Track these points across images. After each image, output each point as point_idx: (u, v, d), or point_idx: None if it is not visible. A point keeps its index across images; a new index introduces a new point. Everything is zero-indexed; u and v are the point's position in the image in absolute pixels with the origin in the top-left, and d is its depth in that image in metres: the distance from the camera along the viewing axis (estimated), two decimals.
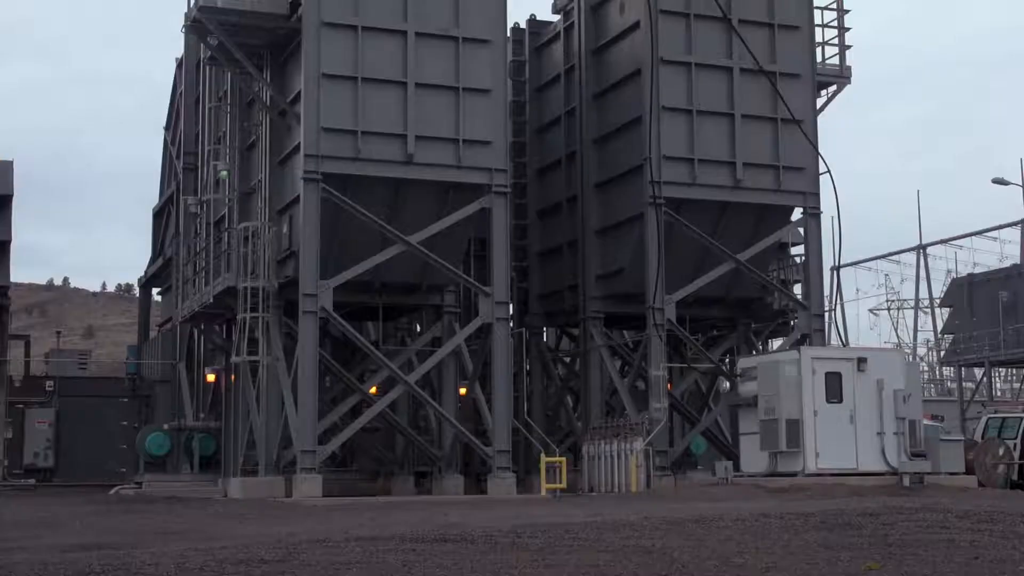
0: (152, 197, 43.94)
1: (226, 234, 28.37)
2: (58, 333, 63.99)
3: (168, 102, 40.31)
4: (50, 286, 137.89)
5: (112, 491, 29.53)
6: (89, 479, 36.53)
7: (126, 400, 39.51)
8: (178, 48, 36.77)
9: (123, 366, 43.15)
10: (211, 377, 32.67)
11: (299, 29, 25.61)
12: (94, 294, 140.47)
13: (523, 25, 33.29)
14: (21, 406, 38.55)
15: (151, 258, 43.28)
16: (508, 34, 29.68)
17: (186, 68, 35.76)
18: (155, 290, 45.65)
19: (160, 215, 41.97)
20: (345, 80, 25.32)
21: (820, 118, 29.93)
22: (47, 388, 39.41)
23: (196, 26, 26.78)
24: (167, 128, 40.26)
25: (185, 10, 27.11)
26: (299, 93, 25.66)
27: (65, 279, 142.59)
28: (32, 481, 36.63)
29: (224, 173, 28.92)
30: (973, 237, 56.92)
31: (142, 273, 44.87)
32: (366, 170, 25.42)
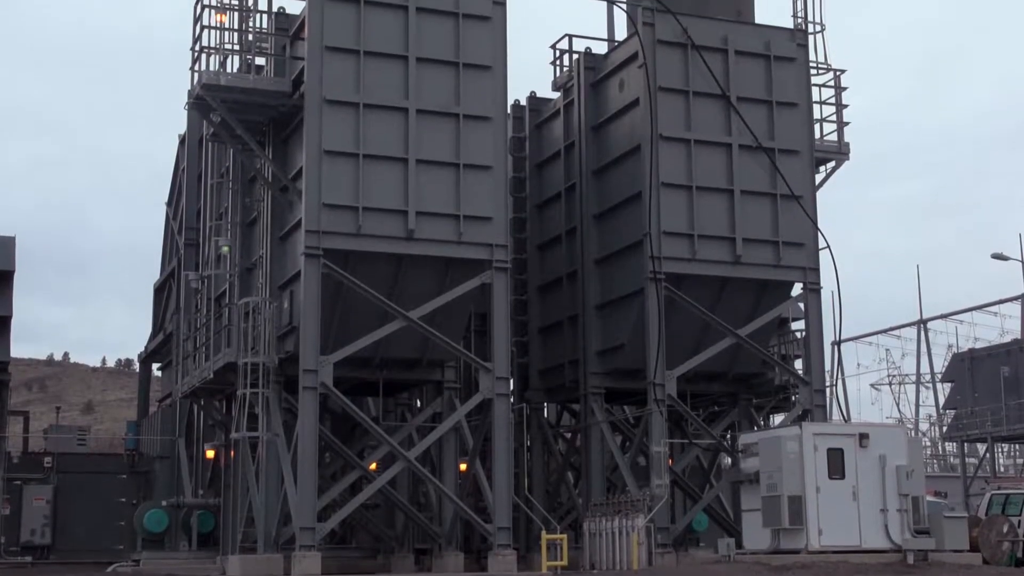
0: (153, 273, 44.04)
1: (227, 310, 28.38)
2: (57, 409, 63.79)
3: (170, 178, 40.53)
4: (50, 361, 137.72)
5: (109, 569, 29.29)
6: (86, 556, 36.19)
7: (124, 476, 39.28)
8: (181, 125, 37.06)
9: (122, 442, 42.96)
10: (210, 453, 32.52)
11: (301, 106, 25.82)
12: (94, 369, 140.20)
13: (523, 102, 33.54)
14: (19, 482, 38.30)
15: (151, 333, 43.26)
16: (508, 111, 29.92)
17: (189, 145, 36.00)
18: (155, 365, 45.57)
19: (161, 291, 42.02)
20: (346, 156, 25.47)
21: (819, 194, 30.09)
22: (45, 464, 39.18)
23: (199, 103, 26.99)
24: (169, 204, 40.44)
25: (188, 87, 27.34)
26: (301, 169, 25.81)
27: (65, 354, 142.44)
28: (29, 559, 36.28)
29: (225, 249, 28.99)
30: (973, 312, 57.05)
31: (142, 348, 44.82)
32: (367, 246, 25.49)
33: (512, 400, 27.70)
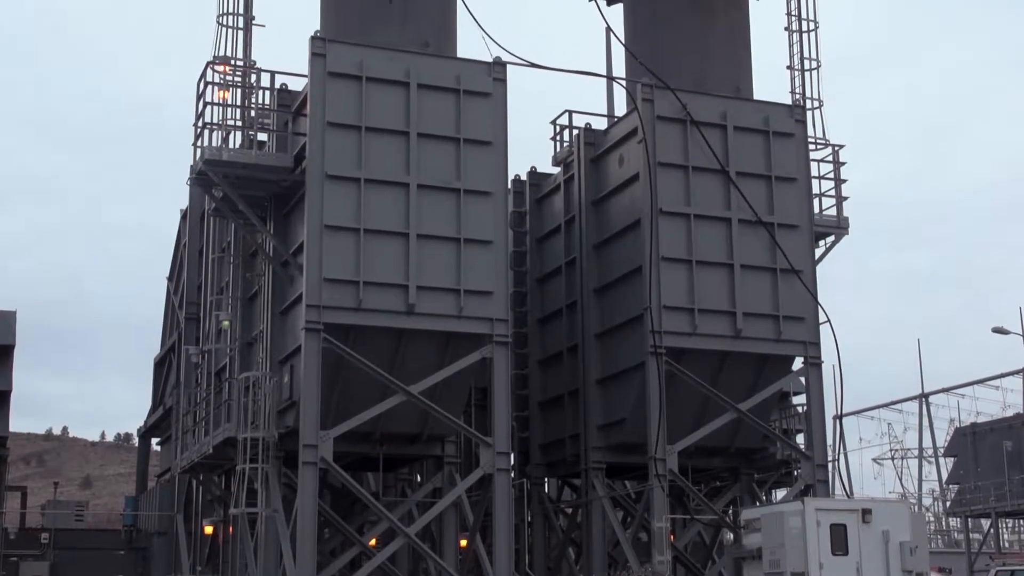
0: (154, 347, 44.03)
1: (227, 384, 28.33)
2: (55, 484, 63.47)
3: (172, 253, 40.66)
4: (48, 436, 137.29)
5: None
6: None
7: (122, 553, 38.99)
8: (183, 199, 37.24)
9: (120, 517, 42.69)
10: (209, 529, 32.30)
11: (303, 181, 25.95)
12: (93, 444, 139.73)
13: (524, 177, 33.73)
14: (15, 559, 38.02)
15: (151, 408, 43.16)
16: (509, 186, 30.07)
17: (190, 220, 36.17)
18: (154, 440, 45.42)
19: (161, 365, 41.98)
20: (347, 231, 25.55)
21: (819, 267, 30.16)
22: (42, 540, 38.91)
23: (202, 178, 27.14)
24: (170, 278, 40.54)
25: (191, 163, 27.51)
26: (302, 244, 25.88)
27: (64, 428, 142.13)
28: None
29: (226, 323, 29.01)
30: (975, 386, 56.88)
31: (142, 423, 44.70)
32: (368, 320, 25.49)
33: (513, 475, 27.55)
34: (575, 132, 31.64)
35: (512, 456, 27.68)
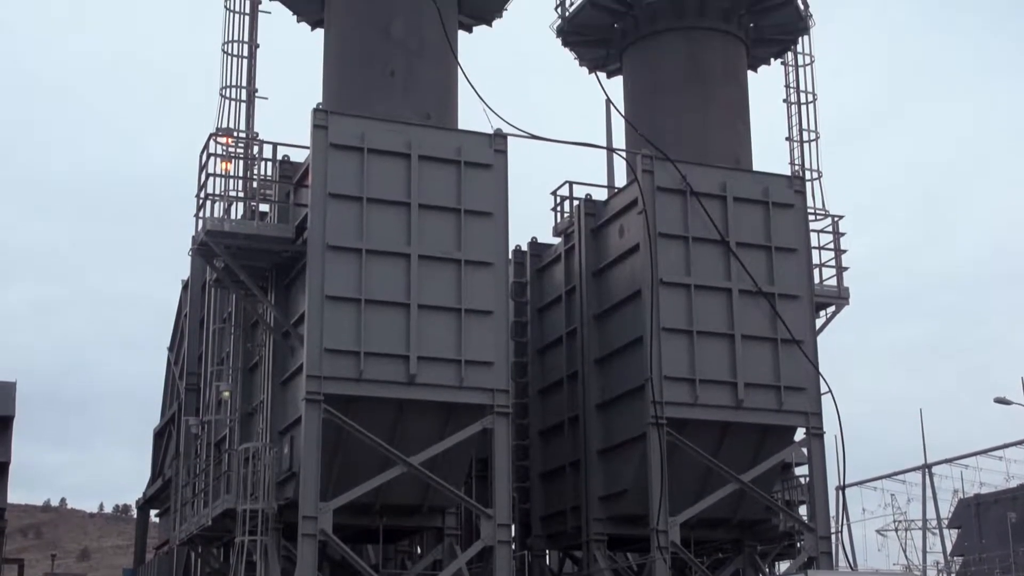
0: (153, 417, 43.87)
1: (227, 455, 28.21)
2: (52, 556, 63.02)
3: (172, 323, 40.65)
4: (47, 507, 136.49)
5: None
6: None
7: None
8: (184, 269, 37.32)
9: None
10: None
11: (304, 252, 26.02)
12: (91, 515, 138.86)
13: (525, 247, 33.80)
14: None
15: (150, 479, 42.92)
16: (510, 256, 30.14)
17: (192, 290, 36.20)
18: (153, 512, 45.09)
19: (161, 435, 41.82)
20: (348, 302, 25.57)
21: (820, 338, 30.13)
22: None
23: (203, 249, 27.22)
24: (171, 349, 40.49)
25: (193, 233, 27.60)
26: (303, 314, 25.88)
27: (62, 500, 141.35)
28: None
29: (226, 394, 28.95)
30: (979, 456, 56.53)
31: (140, 494, 44.43)
32: (368, 391, 25.43)
33: (514, 547, 27.35)
34: (575, 203, 31.76)
35: (513, 528, 27.50)
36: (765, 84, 34.50)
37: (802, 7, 32.65)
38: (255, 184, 27.49)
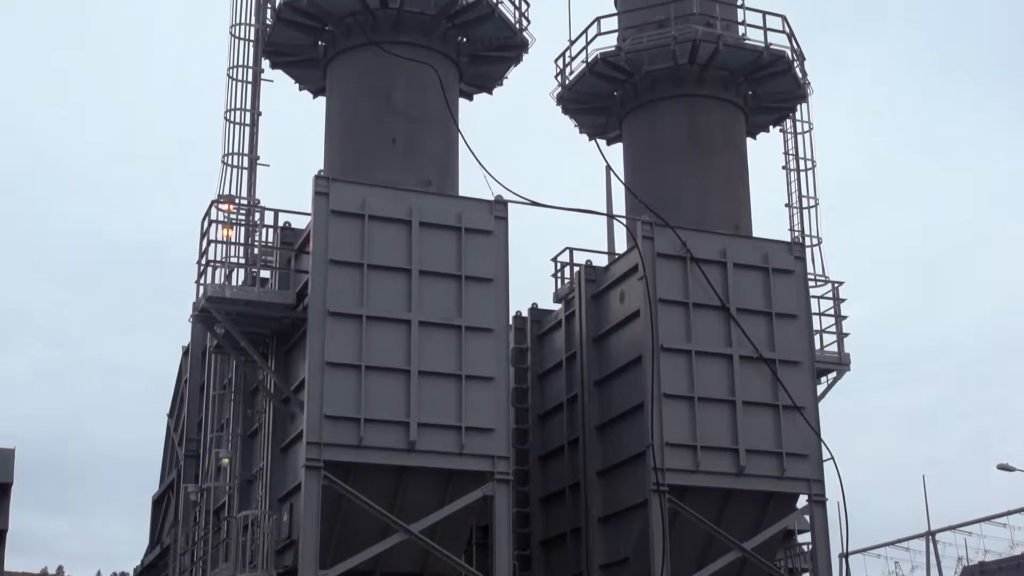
0: (152, 484, 43.64)
1: (225, 523, 28.04)
2: None
3: (172, 389, 40.56)
4: (44, 575, 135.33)
5: None
6: None
7: None
8: (184, 336, 37.30)
9: None
10: None
11: (305, 318, 26.05)
12: None
13: (525, 313, 33.82)
14: None
15: (148, 547, 42.58)
16: (511, 322, 30.15)
17: (191, 356, 36.15)
18: None
19: (160, 503, 41.57)
20: (349, 368, 25.54)
21: (822, 404, 30.07)
22: None
23: (204, 315, 27.25)
24: (170, 415, 40.36)
25: (193, 300, 27.64)
26: (303, 381, 25.85)
27: (60, 568, 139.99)
28: None
29: (226, 461, 28.84)
30: (982, 523, 56.12)
31: (138, 562, 44.08)
32: (368, 458, 25.33)
33: None
34: (576, 269, 31.84)
35: None
36: (764, 151, 34.76)
37: (800, 76, 32.93)
38: (256, 251, 27.59)
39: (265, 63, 30.27)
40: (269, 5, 30.16)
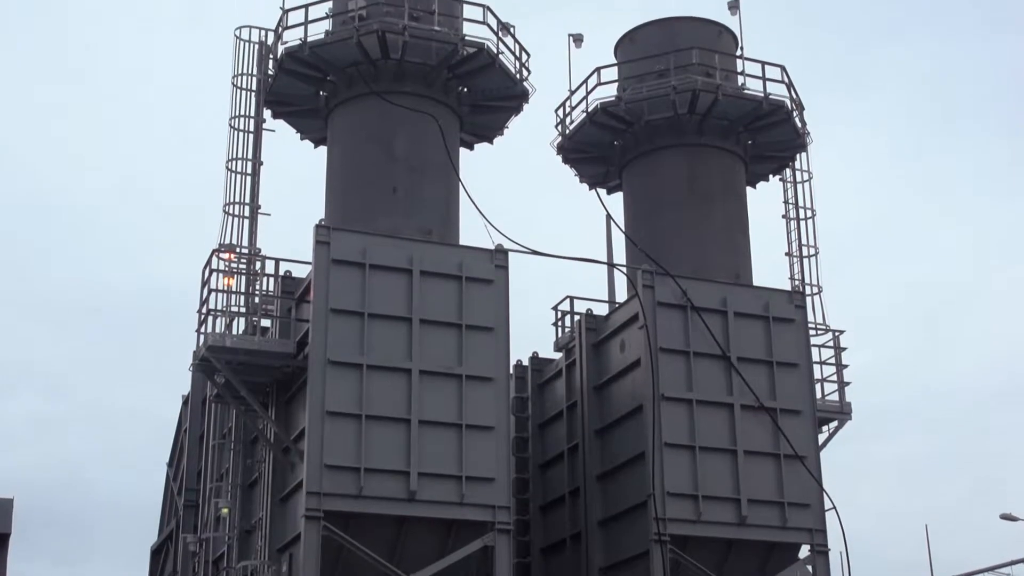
0: (151, 534, 43.41)
1: (225, 573, 27.87)
2: None
3: (172, 438, 40.43)
4: None
5: None
6: None
7: None
8: (183, 383, 37.22)
9: None
10: None
11: (305, 367, 26.02)
12: None
13: (526, 362, 33.78)
14: None
15: None
16: (511, 371, 30.12)
17: (191, 405, 36.06)
18: None
19: (158, 553, 41.32)
20: (349, 417, 25.50)
21: (823, 453, 29.98)
22: None
23: (204, 364, 27.21)
24: (169, 464, 40.21)
25: (194, 349, 27.62)
26: (303, 430, 25.79)
27: None
28: None
29: (225, 510, 28.70)
30: (985, 573, 55.76)
31: None
32: (368, 507, 25.23)
33: None
34: (576, 318, 31.83)
35: None
36: (764, 199, 34.83)
37: (799, 125, 33.07)
38: (257, 299, 27.61)
39: (267, 113, 30.44)
40: (271, 55, 30.36)
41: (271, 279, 28.00)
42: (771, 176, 34.73)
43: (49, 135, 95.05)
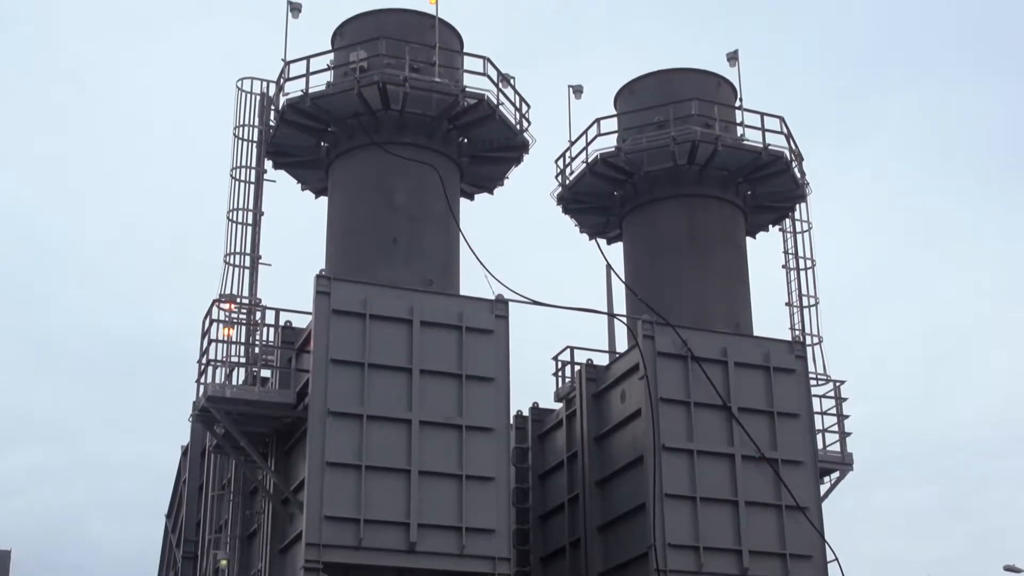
0: None
1: None
2: None
3: (171, 489, 40.27)
4: None
5: None
6: None
7: None
8: (183, 435, 37.14)
9: None
10: None
11: (305, 417, 25.95)
12: None
13: (526, 412, 33.70)
14: None
15: None
16: (511, 421, 30.05)
17: (191, 456, 35.95)
18: None
19: None
20: (349, 468, 25.40)
21: (825, 503, 29.85)
22: None
23: (204, 415, 27.14)
24: (168, 515, 40.02)
25: (194, 399, 27.55)
26: (303, 481, 25.68)
27: None
28: None
29: (224, 562, 28.53)
30: None
31: None
32: (368, 559, 25.08)
33: None
34: (576, 368, 31.78)
35: None
36: (764, 249, 34.90)
37: (799, 176, 33.19)
38: (257, 350, 27.58)
39: (268, 163, 30.57)
40: (272, 107, 30.52)
41: (271, 329, 28.00)
42: (771, 226, 34.82)
43: (50, 184, 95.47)
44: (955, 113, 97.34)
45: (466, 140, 31.14)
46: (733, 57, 33.82)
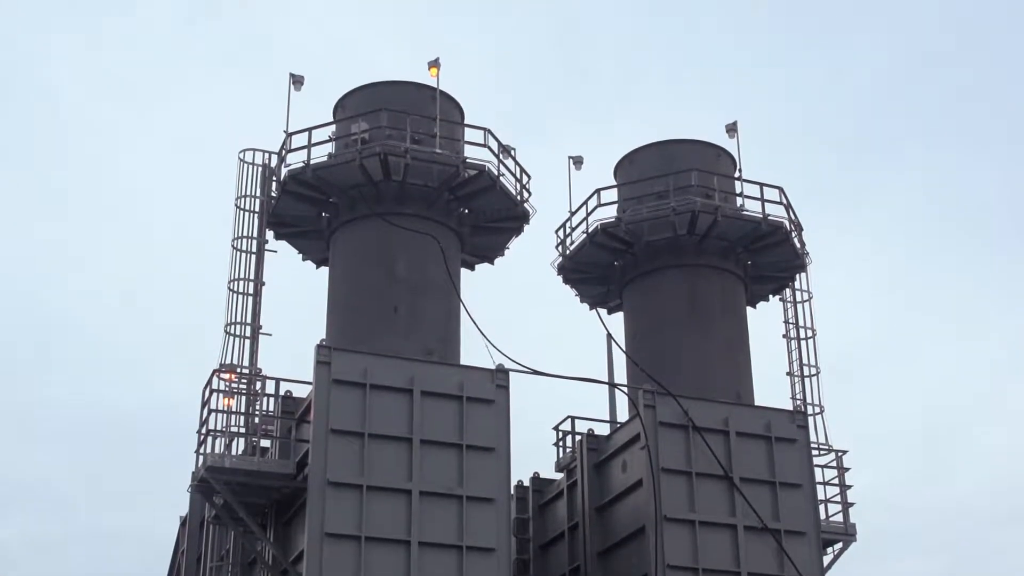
0: None
1: None
2: None
3: (169, 560, 39.96)
4: None
5: None
6: None
7: None
8: (182, 506, 36.93)
9: None
10: None
11: (304, 488, 25.81)
12: None
13: (527, 482, 33.53)
14: None
15: None
16: (512, 492, 29.88)
17: (189, 526, 35.69)
18: None
19: None
20: (348, 539, 25.21)
21: (828, 575, 29.57)
22: None
23: (203, 485, 26.99)
24: None
25: (192, 469, 27.41)
26: (302, 552, 25.49)
27: None
28: None
29: None
30: None
31: None
32: None
33: None
34: (577, 438, 31.66)
35: None
36: (764, 319, 34.92)
37: (799, 246, 33.29)
38: (257, 420, 27.50)
39: (269, 234, 30.67)
40: (274, 177, 30.70)
41: (271, 399, 27.92)
42: (771, 296, 34.87)
43: (48, 253, 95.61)
44: (953, 179, 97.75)
45: (467, 210, 31.28)
46: (732, 128, 34.08)
